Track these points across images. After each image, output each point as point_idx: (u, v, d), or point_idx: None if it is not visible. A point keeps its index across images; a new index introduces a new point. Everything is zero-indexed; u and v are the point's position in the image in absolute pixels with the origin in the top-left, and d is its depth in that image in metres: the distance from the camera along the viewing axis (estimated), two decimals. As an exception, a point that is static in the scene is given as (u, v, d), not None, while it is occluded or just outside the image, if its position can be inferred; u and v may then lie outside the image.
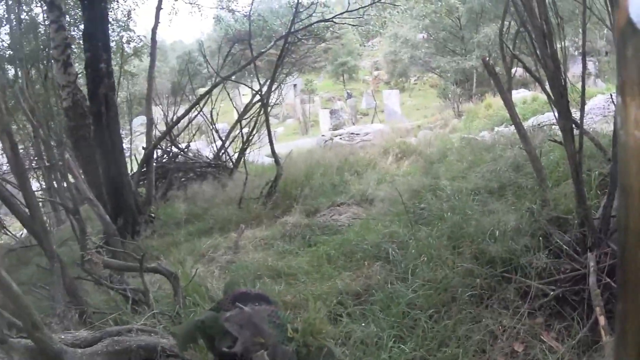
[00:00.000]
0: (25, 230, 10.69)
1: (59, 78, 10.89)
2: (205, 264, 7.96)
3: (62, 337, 4.03)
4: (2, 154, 14.49)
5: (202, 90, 17.04)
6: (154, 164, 15.09)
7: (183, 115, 13.84)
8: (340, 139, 22.34)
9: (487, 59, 7.44)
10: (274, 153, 11.27)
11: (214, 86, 13.99)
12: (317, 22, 14.44)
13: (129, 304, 5.75)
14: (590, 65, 38.08)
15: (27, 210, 5.57)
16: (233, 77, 15.06)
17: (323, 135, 23.64)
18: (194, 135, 16.74)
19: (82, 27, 10.90)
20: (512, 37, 7.28)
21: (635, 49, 1.10)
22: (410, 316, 5.12)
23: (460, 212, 6.74)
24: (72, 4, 15.92)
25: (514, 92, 29.83)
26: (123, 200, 10.65)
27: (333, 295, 5.81)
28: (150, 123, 13.51)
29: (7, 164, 10.89)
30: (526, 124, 17.14)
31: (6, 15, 15.69)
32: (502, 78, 7.40)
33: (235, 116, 16.54)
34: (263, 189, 11.22)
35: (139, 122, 22.64)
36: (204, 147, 19.57)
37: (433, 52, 42.68)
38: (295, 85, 45.15)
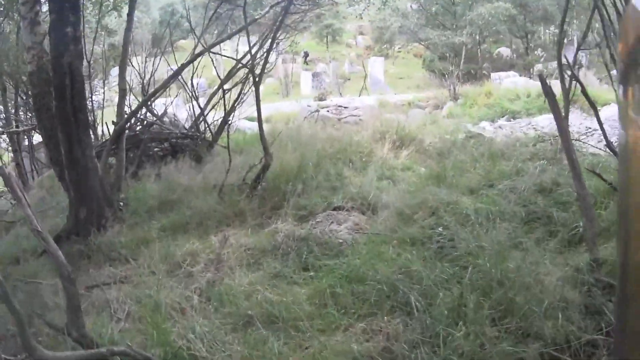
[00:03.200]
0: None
1: (25, 38, 9.33)
2: (182, 282, 6.75)
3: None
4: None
5: (182, 42, 15.51)
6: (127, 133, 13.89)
7: (159, 89, 12.33)
8: (327, 111, 21.09)
9: (544, 76, 6.25)
10: (262, 139, 9.91)
11: (196, 56, 12.49)
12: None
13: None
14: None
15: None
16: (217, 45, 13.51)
17: (309, 106, 22.25)
18: (171, 102, 15.28)
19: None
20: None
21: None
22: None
23: (494, 256, 5.57)
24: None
25: (502, 75, 29.12)
26: (87, 187, 9.23)
27: (347, 362, 4.66)
28: (123, 94, 11.89)
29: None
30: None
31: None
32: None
33: (218, 71, 15.06)
34: (246, 175, 10.02)
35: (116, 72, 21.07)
36: (181, 107, 18.09)
37: (423, 24, 41.56)
38: (278, 44, 43.64)
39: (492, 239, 6.01)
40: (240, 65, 13.50)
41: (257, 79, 10.33)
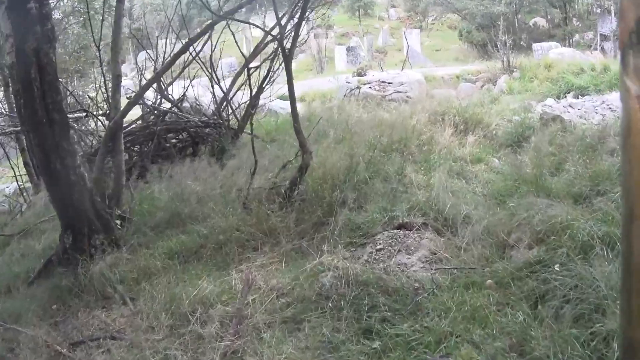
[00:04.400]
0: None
1: (2, 25, 7.19)
2: (189, 349, 4.79)
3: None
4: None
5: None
6: (137, 125, 12.05)
7: (168, 66, 9.98)
8: (370, 87, 18.73)
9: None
10: (298, 132, 7.67)
11: (210, 26, 10.19)
12: None
13: None
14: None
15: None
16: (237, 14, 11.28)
17: (348, 82, 19.94)
18: (190, 83, 13.05)
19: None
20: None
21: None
22: None
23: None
24: None
25: (544, 46, 26.87)
26: (72, 205, 7.20)
27: None
28: (117, 81, 9.17)
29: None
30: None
31: None
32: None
33: (245, 50, 12.94)
34: (278, 176, 8.04)
35: (144, 56, 18.85)
36: (205, 92, 15.84)
37: (459, -8, 39.05)
38: (309, 18, 42.32)
39: None
40: (268, 39, 11.76)
41: (287, 54, 8.03)
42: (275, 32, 9.30)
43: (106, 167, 8.77)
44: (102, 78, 11.62)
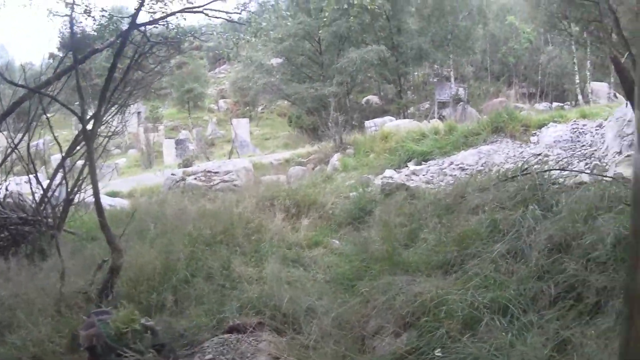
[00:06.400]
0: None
1: None
2: None
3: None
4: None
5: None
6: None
7: None
8: (195, 179, 18.30)
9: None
10: (104, 228, 6.89)
11: (21, 99, 9.32)
12: (180, 11, 9.97)
13: None
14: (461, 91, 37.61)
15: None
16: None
17: (173, 174, 19.38)
18: (8, 173, 12.10)
19: None
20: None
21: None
22: None
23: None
24: None
25: (377, 121, 27.36)
26: None
27: None
28: None
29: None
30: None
31: None
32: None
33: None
34: (94, 280, 7.00)
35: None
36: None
37: (288, 78, 40.06)
38: (139, 112, 41.75)
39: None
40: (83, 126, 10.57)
41: (88, 133, 7.30)
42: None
43: None
44: None
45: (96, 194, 7.13)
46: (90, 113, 8.83)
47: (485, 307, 4.61)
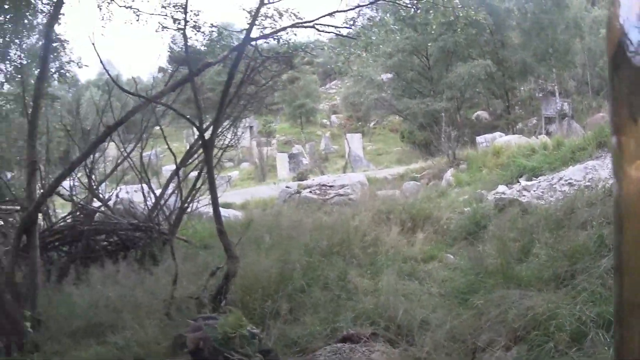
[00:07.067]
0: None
1: None
2: None
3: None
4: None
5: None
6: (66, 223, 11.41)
7: (84, 156, 9.45)
8: (310, 192, 18.37)
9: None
10: (222, 235, 7.00)
11: (132, 113, 9.54)
12: (290, 26, 10.03)
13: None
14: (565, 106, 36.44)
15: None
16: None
17: (288, 187, 19.61)
18: (119, 181, 12.79)
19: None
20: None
21: (626, 78, 1.21)
22: None
23: None
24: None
25: (488, 137, 26.93)
26: None
27: None
28: (33, 167, 8.48)
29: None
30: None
31: None
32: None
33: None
34: (207, 286, 7.10)
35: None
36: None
37: (399, 94, 39.69)
38: (251, 127, 42.41)
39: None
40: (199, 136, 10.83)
41: (207, 142, 7.41)
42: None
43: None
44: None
45: (215, 201, 7.28)
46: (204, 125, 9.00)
47: (592, 321, 4.58)
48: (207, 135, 7.82)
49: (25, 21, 15.48)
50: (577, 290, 5.33)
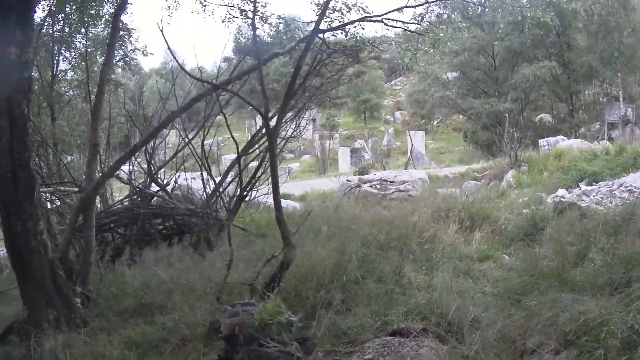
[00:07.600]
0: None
1: None
2: None
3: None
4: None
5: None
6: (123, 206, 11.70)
7: (146, 140, 9.63)
8: (371, 186, 18.35)
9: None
10: (281, 224, 7.03)
11: (195, 100, 9.79)
12: (358, 20, 10.06)
13: None
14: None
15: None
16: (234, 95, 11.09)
17: (348, 181, 19.70)
18: (179, 167, 12.86)
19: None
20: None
21: None
22: None
23: None
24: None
25: (550, 140, 26.52)
26: (30, 275, 6.72)
27: None
28: (95, 150, 8.92)
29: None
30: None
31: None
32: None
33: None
34: (261, 272, 7.16)
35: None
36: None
37: (464, 93, 39.40)
38: (314, 119, 42.45)
39: None
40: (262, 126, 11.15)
41: (271, 130, 7.50)
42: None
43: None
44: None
45: (276, 188, 7.30)
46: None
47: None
48: (271, 124, 7.89)
49: (92, 11, 15.92)
50: (631, 297, 5.16)
